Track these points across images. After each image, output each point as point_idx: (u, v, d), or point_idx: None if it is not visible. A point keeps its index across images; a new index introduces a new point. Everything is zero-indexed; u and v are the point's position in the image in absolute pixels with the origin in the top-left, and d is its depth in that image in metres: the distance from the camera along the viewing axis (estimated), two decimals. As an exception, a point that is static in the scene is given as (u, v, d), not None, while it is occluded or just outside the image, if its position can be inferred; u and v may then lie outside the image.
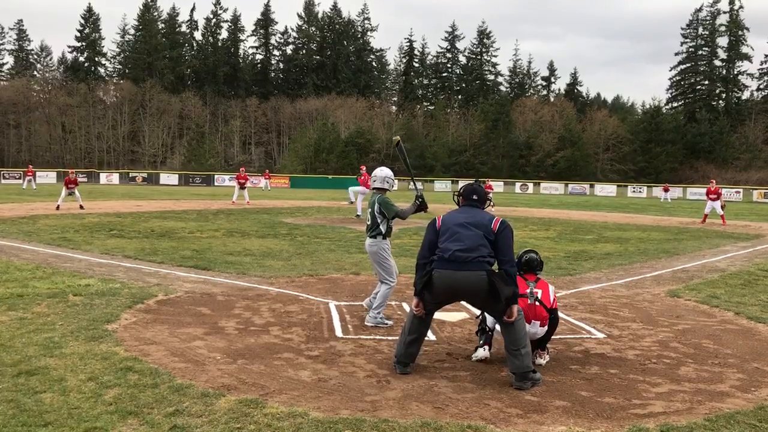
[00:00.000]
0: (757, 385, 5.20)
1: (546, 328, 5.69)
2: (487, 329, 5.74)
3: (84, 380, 4.82)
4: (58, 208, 23.29)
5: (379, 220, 6.99)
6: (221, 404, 4.43)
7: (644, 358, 5.90)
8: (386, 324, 6.91)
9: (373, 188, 7.24)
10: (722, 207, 24.20)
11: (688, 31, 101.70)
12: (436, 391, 4.88)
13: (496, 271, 5.16)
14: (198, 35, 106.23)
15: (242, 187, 31.22)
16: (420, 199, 7.01)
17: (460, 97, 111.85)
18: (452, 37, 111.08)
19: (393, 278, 7.08)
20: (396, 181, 7.49)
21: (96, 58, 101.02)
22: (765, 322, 7.44)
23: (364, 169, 23.66)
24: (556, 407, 4.59)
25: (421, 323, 5.41)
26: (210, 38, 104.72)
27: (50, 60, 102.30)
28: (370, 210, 7.11)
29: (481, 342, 5.78)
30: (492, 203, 5.58)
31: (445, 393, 4.83)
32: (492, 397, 4.78)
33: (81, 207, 23.55)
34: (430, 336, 6.55)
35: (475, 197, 5.49)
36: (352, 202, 22.53)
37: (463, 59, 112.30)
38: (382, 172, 7.22)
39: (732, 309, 8.15)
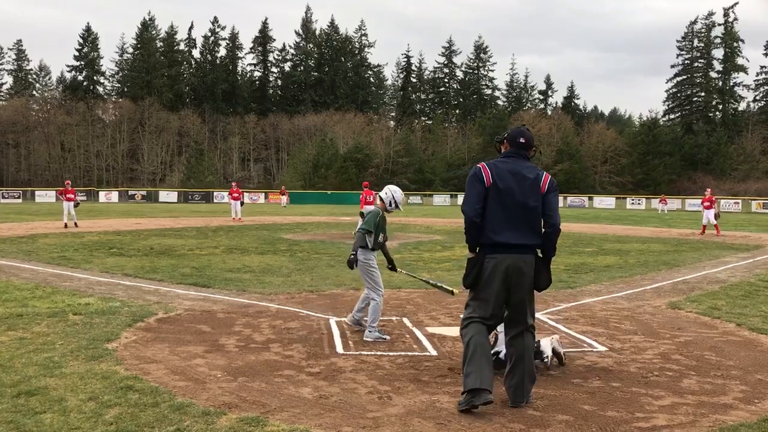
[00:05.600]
0: (761, 396, 5.17)
1: None
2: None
3: (84, 400, 4.80)
4: (65, 225, 23.20)
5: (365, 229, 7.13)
6: (222, 422, 4.40)
7: (646, 371, 5.87)
8: (385, 339, 6.90)
9: (379, 200, 7.37)
10: (716, 216, 24.16)
11: (684, 43, 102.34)
12: (438, 407, 4.85)
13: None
14: (196, 53, 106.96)
15: (241, 203, 31.20)
16: (352, 256, 6.96)
17: (457, 111, 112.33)
18: (449, 52, 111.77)
19: (381, 288, 7.19)
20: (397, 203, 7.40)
21: (95, 77, 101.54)
22: (767, 333, 7.41)
23: (368, 185, 23.60)
24: (558, 422, 4.56)
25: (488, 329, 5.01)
26: (208, 56, 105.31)
27: (49, 79, 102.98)
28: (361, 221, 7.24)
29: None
30: None
31: (448, 409, 4.80)
32: (494, 412, 4.74)
33: (75, 224, 23.40)
34: (431, 351, 6.53)
35: (522, 140, 5.00)
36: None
37: (460, 74, 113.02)
38: (393, 191, 7.31)
39: (734, 320, 8.13)
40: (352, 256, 6.94)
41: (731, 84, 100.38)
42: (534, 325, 5.07)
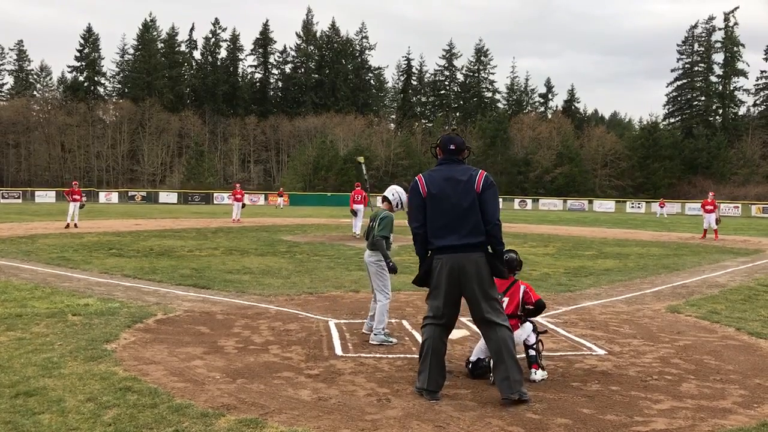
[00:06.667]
0: (760, 401, 5.17)
1: (521, 333, 5.69)
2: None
3: (83, 401, 4.79)
4: (67, 226, 23.23)
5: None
6: (221, 424, 4.40)
7: (646, 375, 5.87)
8: (391, 342, 6.88)
9: (384, 201, 7.30)
10: (717, 221, 24.15)
11: (684, 47, 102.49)
12: (437, 409, 4.85)
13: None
14: (197, 54, 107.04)
15: (243, 205, 31.28)
16: (391, 263, 6.97)
17: (458, 114, 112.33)
18: (450, 54, 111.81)
19: (389, 291, 7.13)
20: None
21: (95, 78, 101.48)
22: (766, 338, 7.41)
23: (360, 186, 23.79)
24: (557, 425, 4.56)
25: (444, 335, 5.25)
26: (209, 57, 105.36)
27: (50, 80, 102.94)
28: (373, 224, 7.15)
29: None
30: None
31: (446, 411, 4.80)
32: (493, 415, 4.75)
33: (75, 225, 23.44)
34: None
35: (452, 147, 5.23)
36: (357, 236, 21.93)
37: (460, 77, 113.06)
38: (399, 191, 7.26)
39: (733, 325, 8.13)
40: (392, 263, 6.94)
41: (731, 88, 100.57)
42: (497, 320, 5.07)
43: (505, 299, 5.71)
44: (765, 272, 13.91)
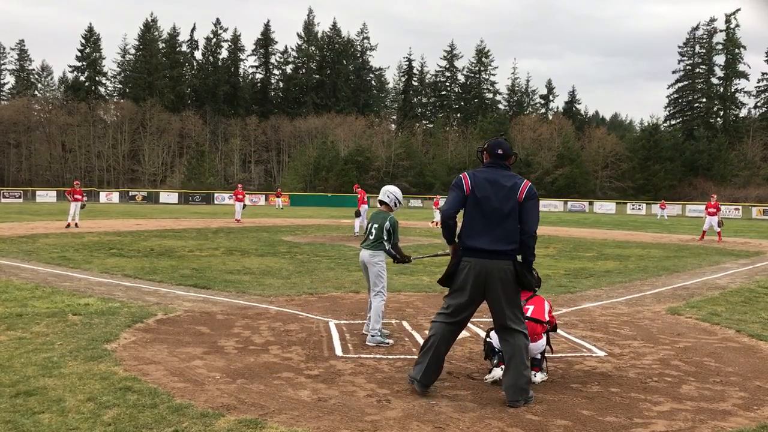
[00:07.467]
0: (760, 403, 5.17)
1: (542, 343, 5.69)
2: (496, 349, 5.67)
3: (83, 400, 4.79)
4: (68, 225, 23.25)
5: (385, 236, 7.07)
6: (220, 424, 4.40)
7: (645, 377, 5.87)
8: (388, 343, 6.89)
9: (381, 204, 7.33)
10: (719, 224, 24.28)
11: (685, 49, 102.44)
12: (436, 410, 4.85)
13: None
14: (198, 55, 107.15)
15: (244, 205, 31.36)
16: (407, 259, 7.28)
17: (458, 115, 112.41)
18: (451, 56, 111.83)
19: (385, 291, 7.19)
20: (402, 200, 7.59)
21: (96, 78, 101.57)
22: (766, 340, 7.41)
23: (358, 187, 24.03)
24: (557, 426, 4.56)
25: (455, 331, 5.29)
26: (210, 58, 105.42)
27: (51, 79, 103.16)
28: (375, 225, 7.14)
29: (495, 362, 5.66)
30: None
31: (446, 412, 4.80)
32: (493, 416, 4.75)
33: (76, 225, 23.46)
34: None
35: (500, 151, 5.27)
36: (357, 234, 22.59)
37: (461, 78, 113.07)
38: (394, 191, 7.33)
39: (733, 326, 8.13)
40: (407, 257, 7.27)
41: (732, 90, 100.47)
42: (517, 328, 5.11)
43: (530, 307, 5.73)
44: (765, 274, 13.91)
